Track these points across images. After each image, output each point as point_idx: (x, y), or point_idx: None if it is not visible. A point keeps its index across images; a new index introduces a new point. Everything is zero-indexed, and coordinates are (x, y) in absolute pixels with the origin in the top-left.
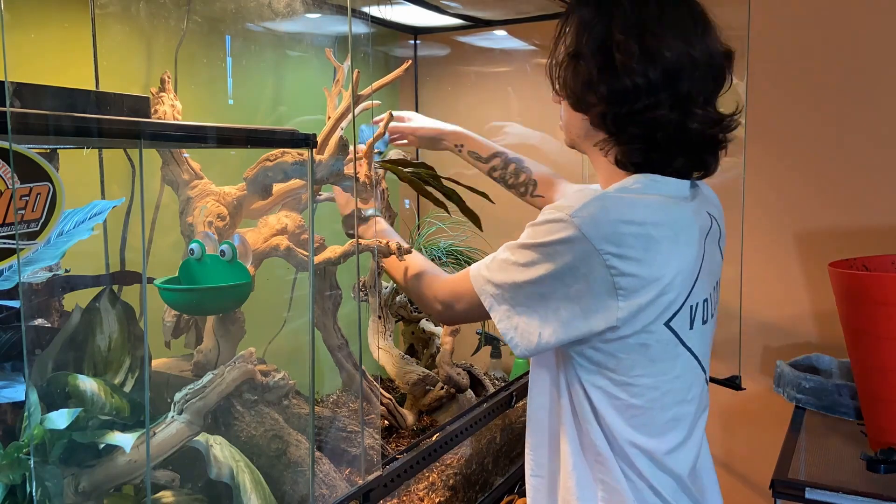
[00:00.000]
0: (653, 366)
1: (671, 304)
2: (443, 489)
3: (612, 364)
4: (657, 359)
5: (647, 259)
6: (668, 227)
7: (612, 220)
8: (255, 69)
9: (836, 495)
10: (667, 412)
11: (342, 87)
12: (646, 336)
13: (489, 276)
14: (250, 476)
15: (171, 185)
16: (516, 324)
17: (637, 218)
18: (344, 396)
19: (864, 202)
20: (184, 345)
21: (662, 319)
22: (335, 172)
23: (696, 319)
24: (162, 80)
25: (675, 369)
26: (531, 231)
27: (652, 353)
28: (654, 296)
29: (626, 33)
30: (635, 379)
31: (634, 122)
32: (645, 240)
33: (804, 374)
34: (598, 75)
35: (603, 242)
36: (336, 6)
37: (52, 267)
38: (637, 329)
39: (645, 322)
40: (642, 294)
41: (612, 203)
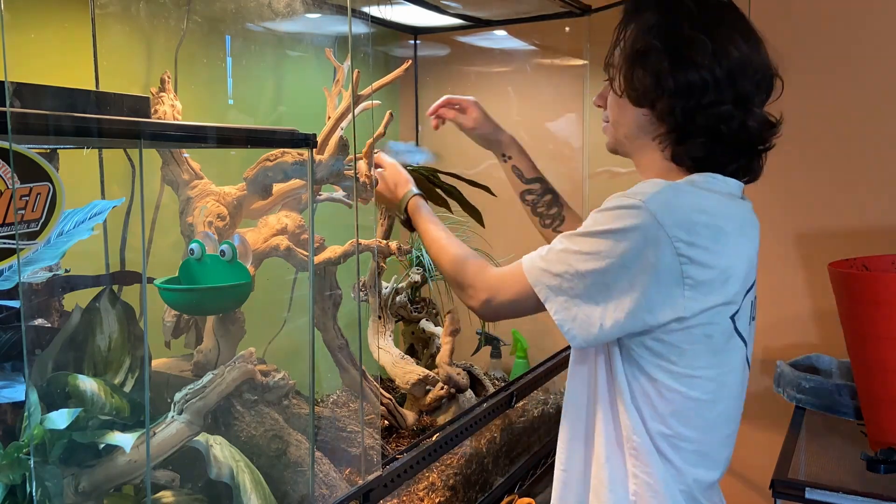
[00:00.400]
0: (715, 357)
1: (735, 295)
2: (443, 489)
3: (675, 356)
4: (720, 350)
5: (717, 249)
6: (735, 220)
7: (685, 208)
8: (255, 69)
9: (836, 495)
10: (718, 406)
11: (342, 87)
12: (711, 327)
13: (546, 266)
14: (250, 476)
15: (171, 185)
16: (575, 314)
17: (709, 208)
18: (344, 396)
19: (864, 202)
20: (184, 345)
21: (728, 312)
22: (335, 172)
23: (750, 315)
24: (162, 80)
25: (734, 362)
26: (598, 217)
27: (716, 344)
28: (720, 286)
29: (695, 29)
30: (698, 370)
31: (702, 115)
32: (715, 230)
33: (804, 374)
34: (668, 69)
35: (675, 229)
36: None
37: (52, 267)
38: (703, 320)
39: (711, 314)
40: (709, 285)
41: (684, 192)
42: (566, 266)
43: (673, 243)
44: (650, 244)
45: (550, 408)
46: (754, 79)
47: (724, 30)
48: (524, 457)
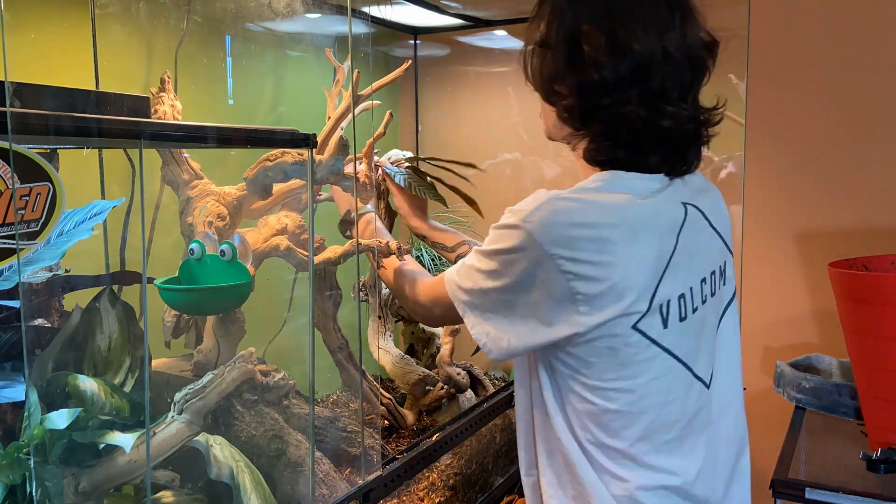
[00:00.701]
0: (624, 369)
1: (633, 304)
2: (443, 489)
3: (584, 369)
4: (628, 362)
5: (603, 262)
6: (624, 226)
7: (562, 223)
8: (255, 69)
9: (836, 495)
10: (645, 416)
11: (342, 87)
12: (612, 339)
13: (460, 282)
14: (250, 476)
15: (171, 185)
16: (487, 330)
17: (589, 220)
18: (344, 396)
19: (864, 202)
20: (184, 345)
21: (629, 322)
22: (335, 172)
23: (671, 317)
24: (162, 80)
25: (651, 371)
26: (492, 236)
27: (622, 357)
28: (615, 298)
29: (594, 24)
30: (608, 383)
31: (599, 117)
32: (599, 242)
33: (804, 374)
34: (564, 67)
35: (554, 247)
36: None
37: (52, 267)
38: (603, 333)
39: (610, 326)
40: (602, 298)
41: (563, 206)
42: (473, 282)
43: (555, 260)
44: (535, 264)
45: None
46: (666, 71)
47: (632, 21)
48: None
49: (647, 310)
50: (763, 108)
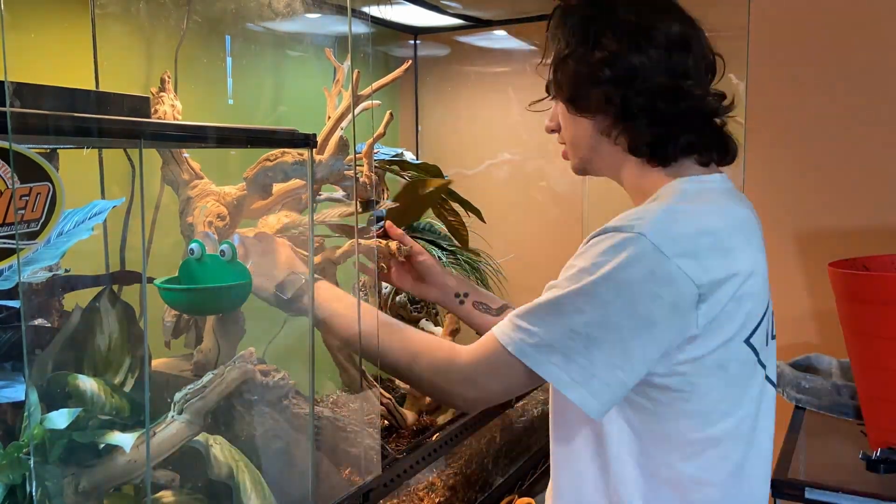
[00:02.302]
0: (729, 390)
1: (750, 314)
2: (443, 489)
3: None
4: (736, 382)
5: (727, 270)
6: (738, 231)
7: (687, 233)
8: (255, 69)
9: (836, 495)
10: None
11: (342, 87)
12: (724, 355)
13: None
14: (250, 476)
15: (171, 185)
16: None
17: (711, 226)
18: (344, 396)
19: (864, 202)
20: (184, 345)
21: (743, 335)
22: (335, 172)
23: (769, 334)
24: (162, 79)
25: (751, 390)
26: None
27: (730, 376)
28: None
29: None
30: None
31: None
32: (722, 251)
33: (804, 374)
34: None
35: (681, 257)
36: (336, 6)
37: (52, 267)
38: (714, 346)
39: (724, 337)
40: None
41: (681, 214)
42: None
43: (683, 272)
44: (660, 280)
45: None
46: (689, 52)
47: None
48: (524, 457)
49: (760, 322)
50: (763, 108)
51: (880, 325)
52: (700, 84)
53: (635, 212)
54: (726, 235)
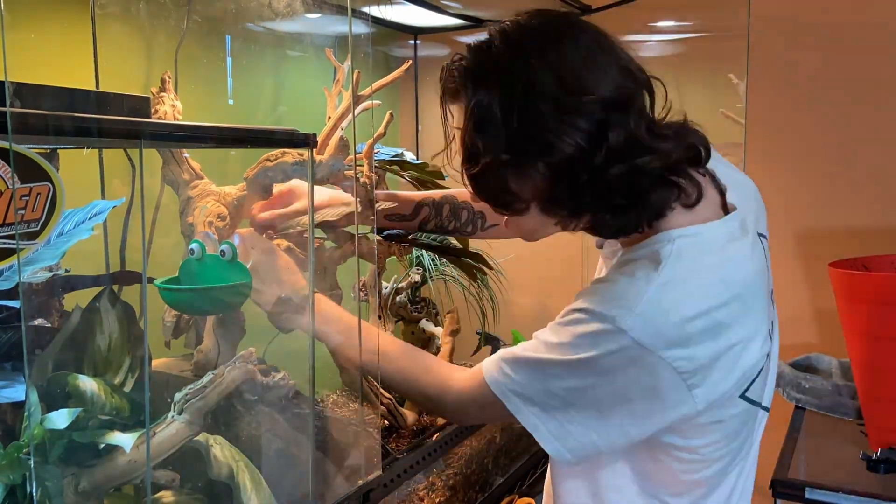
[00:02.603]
0: (725, 439)
1: (747, 374)
2: (443, 489)
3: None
4: (732, 432)
5: (721, 348)
6: (735, 300)
7: (674, 322)
8: (255, 69)
9: (836, 495)
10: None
11: (342, 88)
12: (719, 413)
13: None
14: (250, 476)
15: (172, 185)
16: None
17: (702, 308)
18: (344, 396)
19: (864, 202)
20: (184, 345)
21: (738, 392)
22: (335, 172)
23: (764, 372)
24: (162, 79)
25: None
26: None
27: (728, 429)
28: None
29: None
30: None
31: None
32: (714, 330)
33: (804, 374)
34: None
35: (669, 350)
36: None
37: (52, 267)
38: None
39: (721, 403)
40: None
41: (667, 300)
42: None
43: (672, 364)
44: (642, 369)
45: None
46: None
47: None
48: (524, 457)
49: (757, 375)
50: (763, 109)
51: (880, 325)
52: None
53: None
54: (721, 311)
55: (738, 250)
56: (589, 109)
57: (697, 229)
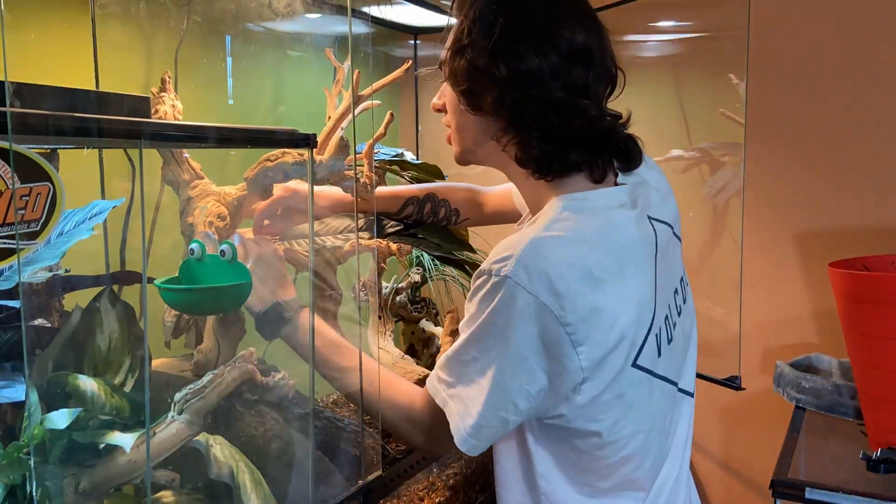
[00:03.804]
0: (632, 413)
1: (633, 342)
2: (443, 489)
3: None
4: (635, 404)
5: (599, 302)
6: (613, 258)
7: (552, 267)
8: (255, 69)
9: (836, 495)
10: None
11: (342, 88)
12: (618, 386)
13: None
14: (250, 476)
15: (172, 185)
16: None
17: (576, 258)
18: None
19: (864, 202)
20: (184, 345)
21: (629, 361)
22: (335, 173)
23: (662, 343)
24: (163, 79)
25: (653, 404)
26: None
27: (630, 401)
28: (615, 340)
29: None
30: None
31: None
32: (589, 281)
33: (804, 374)
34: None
35: (550, 294)
36: (336, 6)
37: (52, 267)
38: (607, 381)
39: (614, 370)
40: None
41: (547, 246)
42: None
43: (554, 312)
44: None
45: None
46: (591, 67)
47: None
48: None
49: (644, 343)
50: (763, 108)
51: (880, 325)
52: (597, 101)
53: (507, 245)
54: (596, 265)
55: (622, 216)
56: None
57: (586, 194)
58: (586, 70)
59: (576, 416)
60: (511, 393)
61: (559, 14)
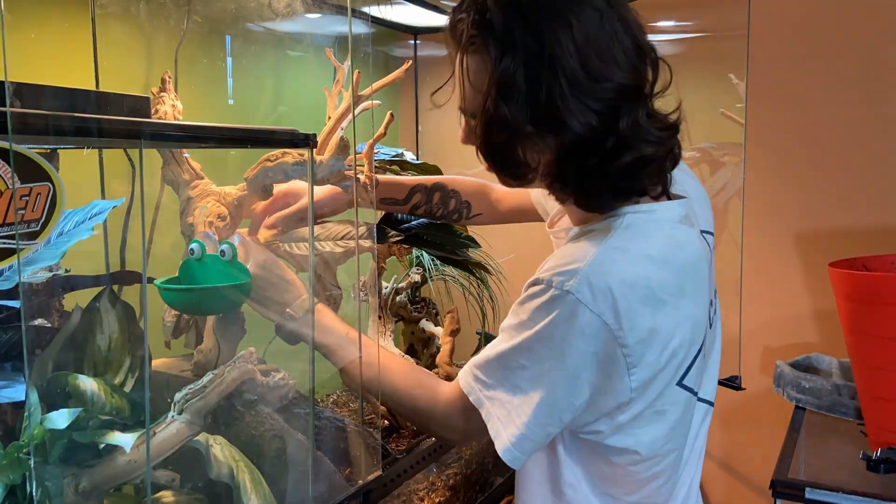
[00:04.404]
0: (671, 431)
1: (682, 363)
2: (443, 489)
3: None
4: (676, 423)
5: (657, 324)
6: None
7: (617, 286)
8: (255, 69)
9: (836, 495)
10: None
11: (342, 88)
12: (660, 404)
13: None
14: (250, 476)
15: (172, 185)
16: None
17: (641, 277)
18: (344, 396)
19: (864, 202)
20: (184, 345)
21: (675, 381)
22: (335, 173)
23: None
24: (163, 79)
25: (688, 421)
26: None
27: (671, 420)
28: (665, 361)
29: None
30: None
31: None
32: (653, 304)
33: (804, 374)
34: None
35: (611, 314)
36: (336, 6)
37: (52, 267)
38: (650, 399)
39: (658, 390)
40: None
41: (612, 263)
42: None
43: (614, 333)
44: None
45: None
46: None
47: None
48: None
49: (693, 363)
50: (763, 108)
51: (880, 325)
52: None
53: (569, 257)
54: (658, 286)
55: (685, 233)
56: (605, 94)
57: (651, 206)
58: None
59: (613, 432)
60: (560, 408)
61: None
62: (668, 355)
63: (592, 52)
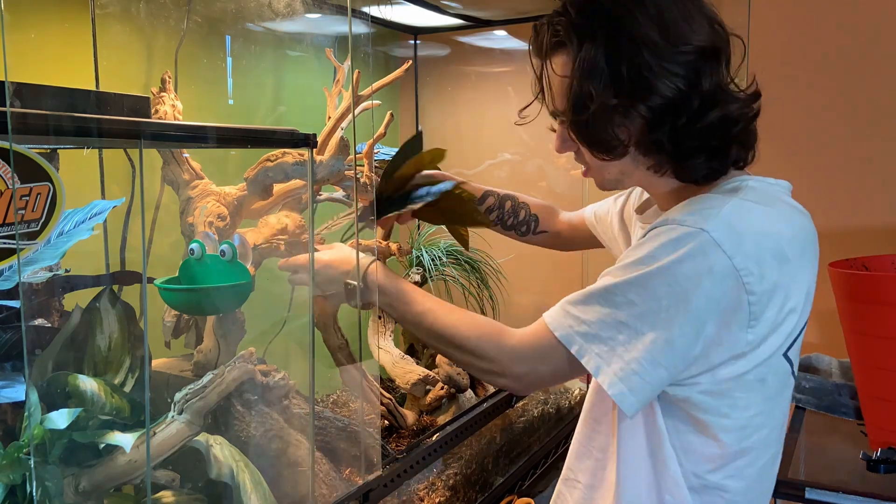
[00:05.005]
0: (766, 403)
1: (793, 329)
2: (443, 489)
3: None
4: (772, 395)
5: (781, 281)
6: (797, 240)
7: (752, 233)
8: (255, 69)
9: (836, 495)
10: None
11: (342, 88)
12: (765, 370)
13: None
14: (250, 476)
15: (172, 185)
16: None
17: (773, 230)
18: (344, 396)
19: (864, 202)
20: (184, 345)
21: (783, 349)
22: (335, 173)
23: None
24: (163, 79)
25: (783, 401)
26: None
27: (768, 389)
28: (780, 322)
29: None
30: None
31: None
32: (780, 259)
33: (804, 374)
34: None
35: (743, 259)
36: (336, 6)
37: (52, 267)
38: (758, 362)
39: (768, 352)
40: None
41: (748, 212)
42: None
43: (743, 279)
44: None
45: (550, 408)
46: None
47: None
48: (524, 457)
49: (799, 335)
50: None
51: (880, 325)
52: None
53: (700, 202)
54: (786, 243)
55: (796, 207)
56: (686, 58)
57: (765, 179)
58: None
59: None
60: (676, 350)
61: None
62: (785, 315)
63: (668, 21)
